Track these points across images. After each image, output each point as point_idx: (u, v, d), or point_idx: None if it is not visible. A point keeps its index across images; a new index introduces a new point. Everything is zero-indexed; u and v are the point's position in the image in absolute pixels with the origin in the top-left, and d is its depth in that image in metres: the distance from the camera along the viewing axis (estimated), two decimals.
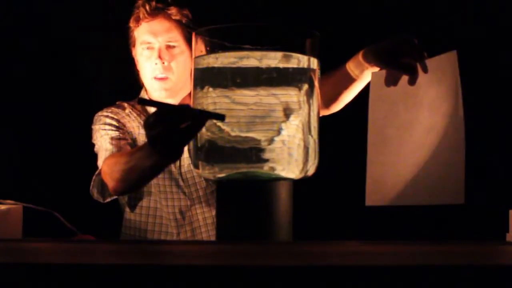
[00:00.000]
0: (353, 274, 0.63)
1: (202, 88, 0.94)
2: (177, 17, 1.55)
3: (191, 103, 0.97)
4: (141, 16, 1.54)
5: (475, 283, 0.64)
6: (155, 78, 1.55)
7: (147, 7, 1.54)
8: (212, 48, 0.94)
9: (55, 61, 2.01)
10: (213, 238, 1.56)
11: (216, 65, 0.92)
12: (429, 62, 1.16)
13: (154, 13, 1.54)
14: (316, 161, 0.95)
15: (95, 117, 1.62)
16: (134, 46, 1.61)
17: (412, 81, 1.15)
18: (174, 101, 1.59)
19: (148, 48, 1.55)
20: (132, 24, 1.58)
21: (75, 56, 2.03)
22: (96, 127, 1.60)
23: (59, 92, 2.01)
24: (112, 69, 2.03)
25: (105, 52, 2.03)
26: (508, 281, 0.64)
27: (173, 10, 1.55)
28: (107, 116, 1.60)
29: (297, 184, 0.94)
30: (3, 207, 1.05)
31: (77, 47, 2.03)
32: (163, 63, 1.53)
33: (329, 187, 1.70)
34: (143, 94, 1.64)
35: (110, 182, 1.39)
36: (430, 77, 1.16)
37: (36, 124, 1.97)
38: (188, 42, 1.55)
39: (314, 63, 0.94)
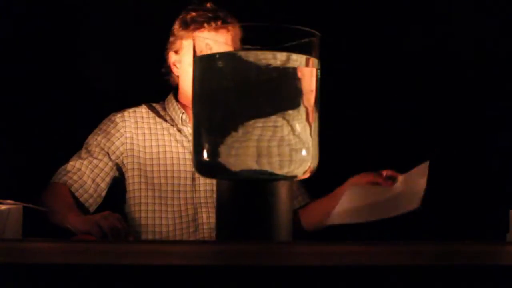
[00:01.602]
0: (353, 274, 0.63)
1: (201, 87, 0.94)
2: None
3: None
4: None
5: (475, 283, 0.64)
6: None
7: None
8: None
9: (55, 60, 2.01)
10: (213, 239, 1.58)
11: (215, 65, 0.92)
12: (405, 177, 1.49)
13: None
14: (316, 161, 0.95)
15: (107, 118, 1.73)
16: (177, 53, 1.68)
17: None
18: None
19: None
20: (183, 34, 1.66)
21: (76, 56, 2.03)
22: (95, 133, 1.71)
23: (60, 92, 2.01)
24: (114, 70, 2.03)
25: (107, 52, 2.03)
26: (508, 281, 0.64)
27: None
28: (109, 124, 1.71)
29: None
30: (3, 207, 1.05)
31: (78, 46, 2.03)
32: None
33: (329, 187, 1.70)
34: (170, 98, 1.75)
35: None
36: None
37: (36, 124, 1.97)
38: None
39: (314, 63, 0.94)
